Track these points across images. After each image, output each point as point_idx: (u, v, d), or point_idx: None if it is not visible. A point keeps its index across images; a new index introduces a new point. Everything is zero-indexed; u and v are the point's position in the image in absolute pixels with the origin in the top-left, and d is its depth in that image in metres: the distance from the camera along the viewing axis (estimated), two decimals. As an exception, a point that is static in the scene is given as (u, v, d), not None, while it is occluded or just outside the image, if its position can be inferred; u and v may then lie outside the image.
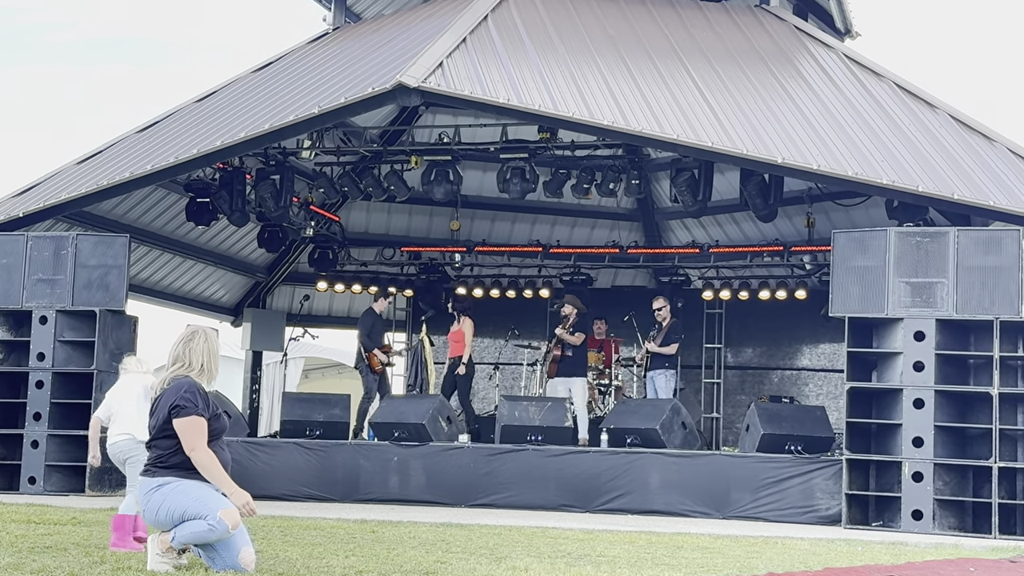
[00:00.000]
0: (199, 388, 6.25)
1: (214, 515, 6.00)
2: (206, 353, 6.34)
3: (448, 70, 13.02)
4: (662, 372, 15.80)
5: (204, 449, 6.14)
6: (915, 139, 13.37)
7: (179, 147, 13.97)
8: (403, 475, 13.26)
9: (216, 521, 5.99)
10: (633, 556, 7.93)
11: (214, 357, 6.37)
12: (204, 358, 6.34)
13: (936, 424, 11.53)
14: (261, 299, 20.66)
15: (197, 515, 6.03)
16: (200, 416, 6.15)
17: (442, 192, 15.68)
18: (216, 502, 6.07)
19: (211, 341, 6.39)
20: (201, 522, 6.02)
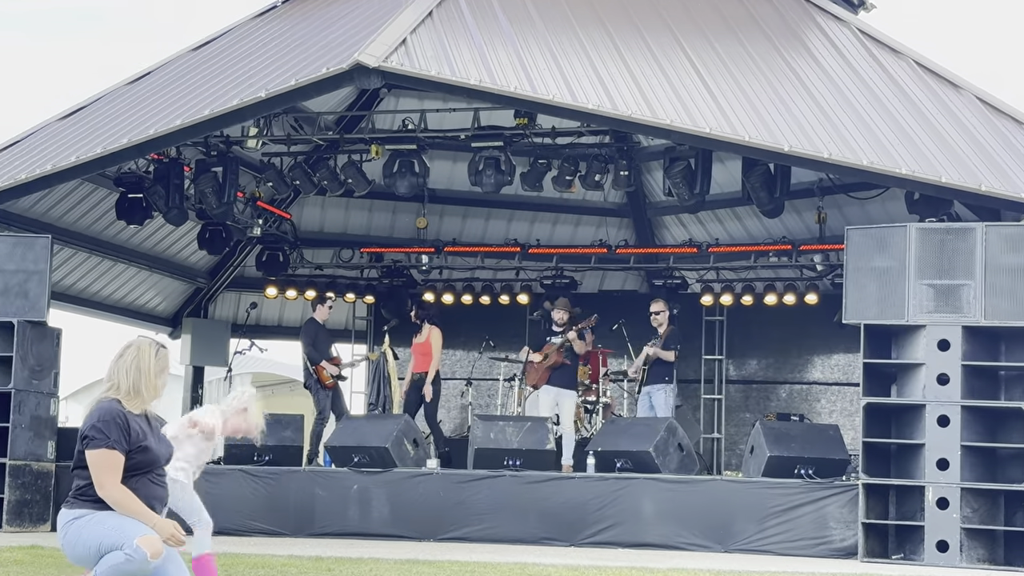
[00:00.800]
0: (119, 415, 6.15)
1: (131, 543, 5.96)
2: (134, 371, 6.22)
3: (412, 48, 13.00)
4: (661, 387, 15.76)
5: (114, 486, 6.06)
6: (938, 124, 13.42)
7: (108, 136, 13.91)
8: (363, 506, 13.22)
9: (133, 550, 5.95)
10: (623, 595, 7.92)
11: (146, 375, 6.22)
12: (132, 377, 6.22)
13: (963, 444, 11.55)
14: (202, 307, 20.58)
15: (113, 546, 5.98)
16: (111, 449, 6.05)
17: (406, 186, 15.65)
18: (134, 530, 6.02)
19: (143, 356, 6.27)
20: (118, 552, 5.97)
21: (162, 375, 6.33)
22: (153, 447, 6.24)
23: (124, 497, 6.08)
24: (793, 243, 17.57)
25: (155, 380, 6.26)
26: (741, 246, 18.49)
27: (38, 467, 13.24)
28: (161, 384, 6.33)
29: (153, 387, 6.27)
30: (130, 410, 6.21)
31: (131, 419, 6.18)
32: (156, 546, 5.99)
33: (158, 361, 6.29)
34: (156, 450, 6.25)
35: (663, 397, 15.76)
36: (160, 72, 16.09)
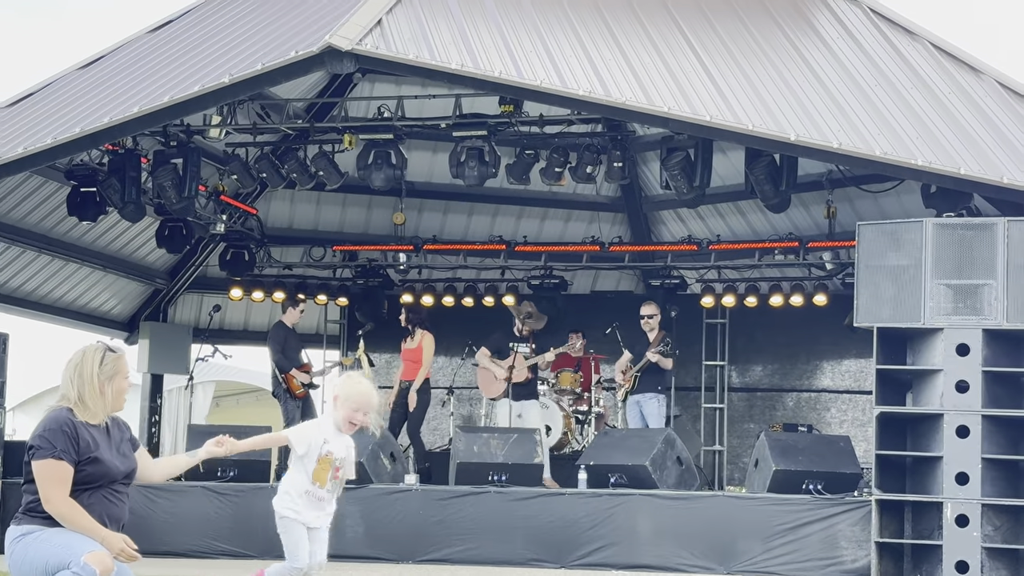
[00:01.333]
0: (66, 423, 6.16)
1: (78, 561, 5.96)
2: (77, 378, 6.24)
3: (388, 29, 13.00)
4: (654, 396, 15.85)
5: (61, 499, 6.08)
6: (957, 111, 13.45)
7: (58, 125, 13.87)
8: (336, 525, 13.14)
9: (80, 567, 5.96)
10: (618, 622, 7.93)
11: (89, 383, 6.23)
12: (76, 385, 6.24)
13: (984, 456, 11.58)
14: (161, 311, 20.55)
15: (60, 564, 5.99)
16: (57, 460, 6.06)
17: (382, 178, 15.64)
18: (81, 546, 6.03)
19: (86, 363, 6.28)
20: (66, 572, 5.98)
21: (112, 382, 6.30)
22: (106, 459, 6.22)
23: (71, 511, 6.09)
24: (800, 240, 17.60)
25: (100, 388, 6.25)
26: (744, 243, 18.52)
27: (-17, 484, 13.21)
28: (115, 392, 6.31)
29: (98, 395, 6.25)
30: (85, 420, 6.22)
31: (81, 428, 6.18)
32: (105, 562, 6.00)
33: (103, 368, 6.27)
34: (109, 462, 6.23)
35: (656, 407, 15.85)
36: (115, 56, 16.05)
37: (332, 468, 7.56)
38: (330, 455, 7.55)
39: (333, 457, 7.55)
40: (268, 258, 19.24)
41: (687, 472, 13.69)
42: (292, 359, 16.49)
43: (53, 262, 18.39)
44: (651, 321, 16.10)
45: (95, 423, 6.27)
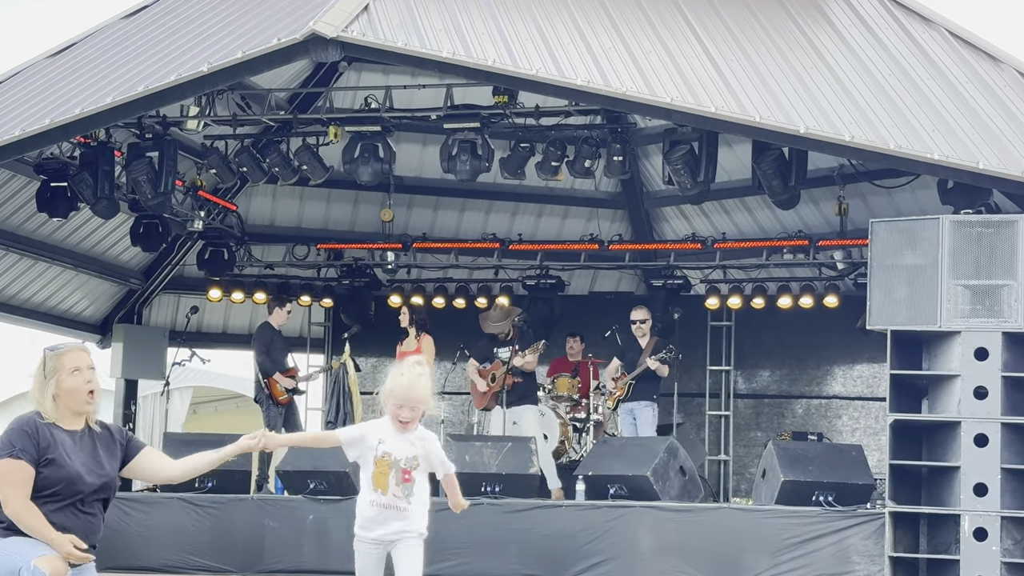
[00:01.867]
0: (28, 423, 6.22)
1: (28, 565, 5.99)
2: (34, 379, 6.32)
3: (376, 15, 13.00)
4: (648, 405, 15.91)
5: (18, 499, 6.12)
6: (975, 102, 13.46)
7: (26, 116, 13.87)
8: (321, 538, 13.20)
9: (32, 571, 5.99)
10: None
11: (36, 384, 6.31)
12: (32, 388, 6.34)
13: (1003, 467, 11.60)
14: (136, 312, 20.54)
15: (12, 570, 6.02)
16: (15, 459, 6.11)
17: (369, 172, 15.64)
18: (33, 550, 6.07)
19: (41, 364, 6.34)
20: None
21: (56, 380, 6.28)
22: (66, 464, 6.21)
23: (26, 512, 6.12)
24: (810, 238, 17.60)
25: (41, 388, 6.28)
26: (751, 241, 18.53)
27: (-52, 495, 13.19)
28: (63, 390, 6.28)
29: (44, 396, 6.27)
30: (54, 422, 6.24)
31: (44, 429, 6.21)
32: (56, 565, 6.02)
33: (44, 368, 6.30)
34: (70, 467, 6.21)
35: (651, 416, 15.92)
36: (87, 43, 16.04)
37: (396, 470, 7.07)
38: (387, 456, 7.10)
39: (392, 458, 7.08)
40: (249, 257, 19.22)
41: (691, 483, 13.69)
42: (277, 362, 16.48)
43: (21, 261, 18.37)
44: (643, 327, 16.12)
45: (68, 428, 6.29)
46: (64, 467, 6.21)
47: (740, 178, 17.17)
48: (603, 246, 18.75)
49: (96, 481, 6.32)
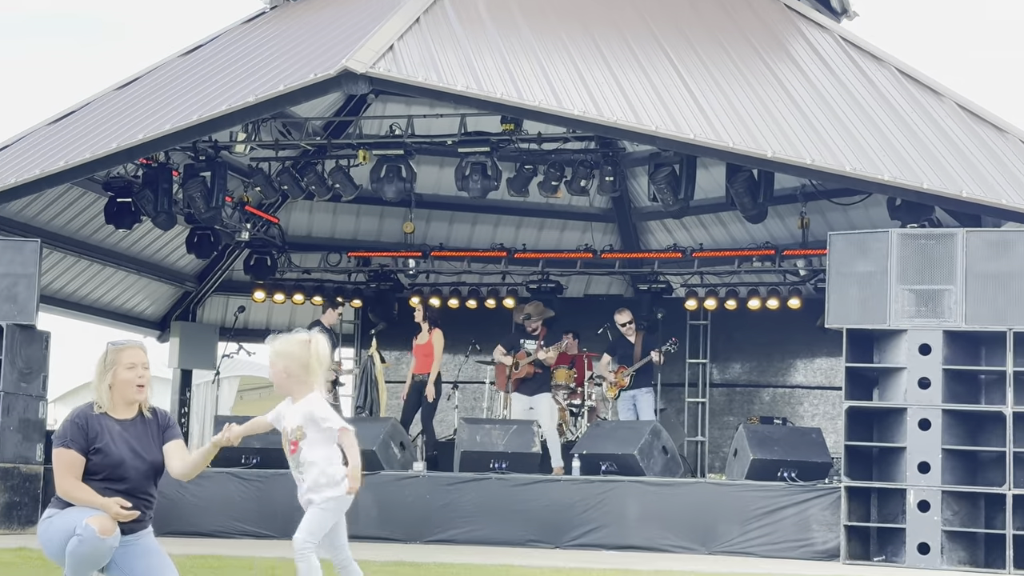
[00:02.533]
0: (79, 415, 6.25)
1: (81, 524, 6.01)
2: (95, 369, 6.34)
3: (400, 54, 13.00)
4: (648, 391, 16.00)
5: (68, 483, 6.16)
6: (919, 131, 13.45)
7: (96, 141, 13.87)
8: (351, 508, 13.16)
9: (83, 530, 6.00)
10: (608, 597, 7.92)
11: (99, 373, 6.32)
12: (94, 375, 6.35)
13: (944, 447, 11.58)
14: (190, 311, 20.54)
15: (69, 532, 6.05)
16: (65, 448, 6.15)
17: (394, 190, 15.64)
18: (84, 514, 6.09)
19: (103, 356, 6.35)
20: (72, 538, 6.03)
21: (113, 373, 6.29)
22: (112, 451, 6.22)
23: (73, 488, 6.15)
24: (776, 248, 17.59)
25: (99, 380, 6.31)
26: (725, 251, 18.52)
27: (26, 470, 13.19)
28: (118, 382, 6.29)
29: (100, 387, 6.29)
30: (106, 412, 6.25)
31: (93, 420, 6.23)
32: (104, 523, 6.03)
33: (104, 361, 6.33)
34: (115, 455, 6.22)
35: (650, 401, 15.98)
36: (149, 77, 16.06)
37: (286, 443, 6.65)
38: (284, 430, 6.71)
39: (285, 431, 6.70)
40: (288, 263, 19.23)
41: (672, 461, 13.68)
42: None
43: (92, 266, 18.41)
44: (629, 327, 16.20)
45: (120, 417, 6.30)
46: (110, 455, 6.21)
47: (715, 196, 17.16)
48: (596, 255, 18.73)
49: (141, 465, 6.31)
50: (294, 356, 6.59)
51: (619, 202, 19.57)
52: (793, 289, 18.15)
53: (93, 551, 6.02)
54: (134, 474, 6.28)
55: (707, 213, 18.63)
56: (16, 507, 12.98)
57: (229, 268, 20.29)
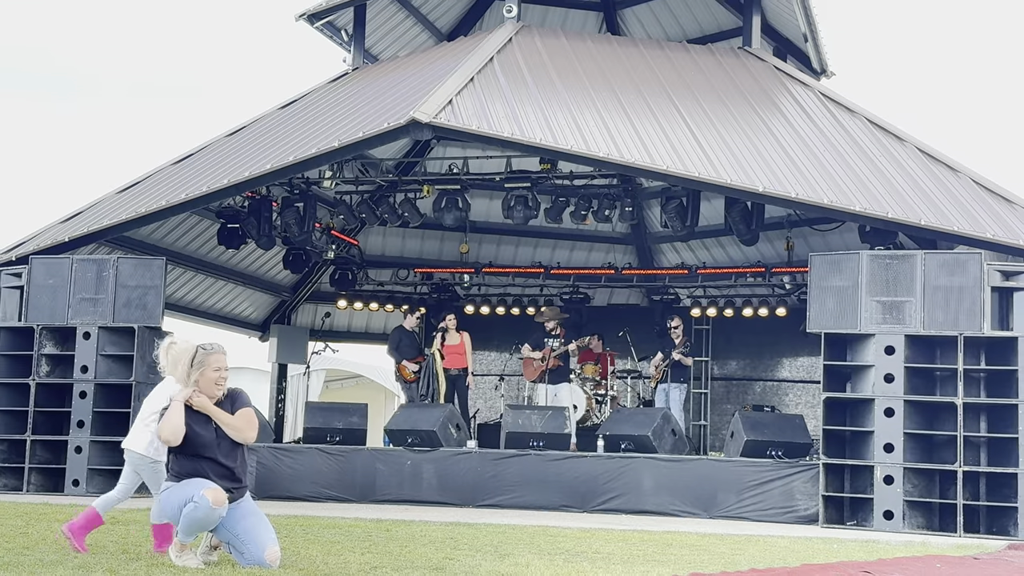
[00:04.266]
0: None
1: (198, 494, 6.04)
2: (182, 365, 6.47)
3: (457, 107, 13.05)
4: (677, 386, 16.14)
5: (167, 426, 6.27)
6: (885, 169, 13.37)
7: (211, 177, 14.00)
8: (415, 478, 13.23)
9: (199, 498, 6.04)
10: (626, 553, 7.90)
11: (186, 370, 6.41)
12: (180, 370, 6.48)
13: (905, 431, 11.49)
14: (286, 316, 20.67)
15: (187, 499, 6.09)
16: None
17: (452, 218, 15.68)
18: (200, 485, 6.12)
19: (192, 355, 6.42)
20: (188, 505, 6.07)
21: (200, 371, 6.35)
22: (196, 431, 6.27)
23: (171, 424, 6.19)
24: (766, 266, 17.51)
25: (187, 375, 6.37)
26: (724, 268, 18.46)
27: (153, 445, 13.28)
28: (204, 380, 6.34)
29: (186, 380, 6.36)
30: None
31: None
32: (218, 495, 6.09)
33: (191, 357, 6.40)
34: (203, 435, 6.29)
35: (678, 394, 16.18)
36: (253, 126, 16.19)
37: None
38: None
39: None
40: (366, 277, 19.31)
41: (680, 441, 13.63)
42: (404, 353, 16.70)
43: (206, 279, 18.56)
44: (676, 330, 16.33)
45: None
46: (199, 434, 6.28)
47: (716, 223, 17.10)
48: (617, 271, 18.70)
49: (215, 439, 6.34)
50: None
51: (636, 228, 19.54)
52: (780, 300, 18.08)
53: (205, 517, 6.06)
54: (216, 448, 6.33)
55: (709, 237, 18.57)
56: (144, 475, 13.07)
57: (317, 281, 20.39)
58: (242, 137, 15.75)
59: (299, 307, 20.85)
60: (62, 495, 12.63)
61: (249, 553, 6.15)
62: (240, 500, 6.34)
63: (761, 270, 17.48)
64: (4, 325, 13.42)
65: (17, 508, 10.07)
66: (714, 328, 18.98)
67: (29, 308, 13.39)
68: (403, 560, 6.82)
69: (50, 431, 13.20)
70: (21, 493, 12.77)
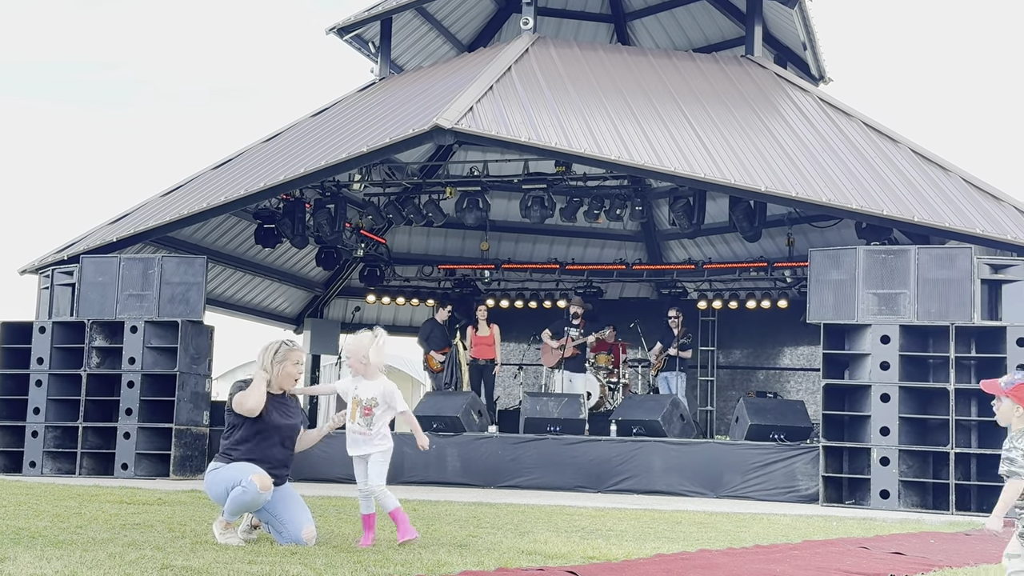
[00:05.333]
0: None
1: (246, 479, 6.07)
2: (266, 356, 6.48)
3: (477, 114, 13.05)
4: (676, 374, 16.15)
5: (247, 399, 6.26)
6: (880, 169, 13.31)
7: (248, 181, 14.05)
8: (440, 461, 13.26)
9: (247, 483, 6.07)
10: (638, 530, 7.90)
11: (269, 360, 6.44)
12: (264, 359, 6.49)
13: (900, 416, 11.45)
14: (319, 310, 20.72)
15: (234, 483, 6.11)
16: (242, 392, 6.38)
17: (473, 218, 15.70)
18: (249, 470, 6.14)
19: (276, 349, 6.45)
20: (236, 488, 6.09)
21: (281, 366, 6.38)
22: (268, 418, 6.31)
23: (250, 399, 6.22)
24: (768, 261, 17.46)
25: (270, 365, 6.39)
26: (728, 263, 18.41)
27: (196, 430, 13.38)
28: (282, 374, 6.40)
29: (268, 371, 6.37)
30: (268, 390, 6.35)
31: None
32: (266, 481, 6.10)
33: (275, 350, 6.43)
34: (269, 419, 6.31)
35: (679, 381, 16.14)
36: (287, 133, 16.24)
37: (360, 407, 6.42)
38: (356, 398, 6.43)
39: (360, 398, 6.42)
40: (393, 273, 19.34)
41: (688, 425, 13.61)
42: (434, 344, 16.75)
43: (244, 276, 18.62)
44: (676, 320, 16.32)
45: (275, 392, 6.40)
46: (266, 420, 6.32)
47: (721, 221, 17.04)
48: (628, 267, 18.70)
49: (285, 421, 6.42)
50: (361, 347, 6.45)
51: (646, 226, 19.50)
52: (782, 293, 18.01)
53: (252, 500, 6.08)
54: (285, 431, 6.40)
55: (714, 234, 18.51)
56: (188, 459, 13.16)
57: (348, 277, 20.43)
58: (277, 143, 15.80)
59: (331, 302, 20.90)
60: (112, 478, 12.72)
61: (287, 532, 6.18)
62: (283, 486, 6.39)
63: (763, 264, 17.44)
64: (57, 320, 13.51)
65: (71, 490, 10.14)
66: (719, 319, 18.93)
67: (80, 304, 13.48)
68: (429, 537, 6.84)
69: (100, 418, 13.28)
70: (74, 476, 12.87)
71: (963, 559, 6.62)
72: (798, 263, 16.57)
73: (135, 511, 8.15)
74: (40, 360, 13.35)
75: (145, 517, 7.60)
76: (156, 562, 5.21)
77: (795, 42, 17.38)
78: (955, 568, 6.20)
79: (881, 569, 5.98)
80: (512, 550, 6.25)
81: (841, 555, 6.56)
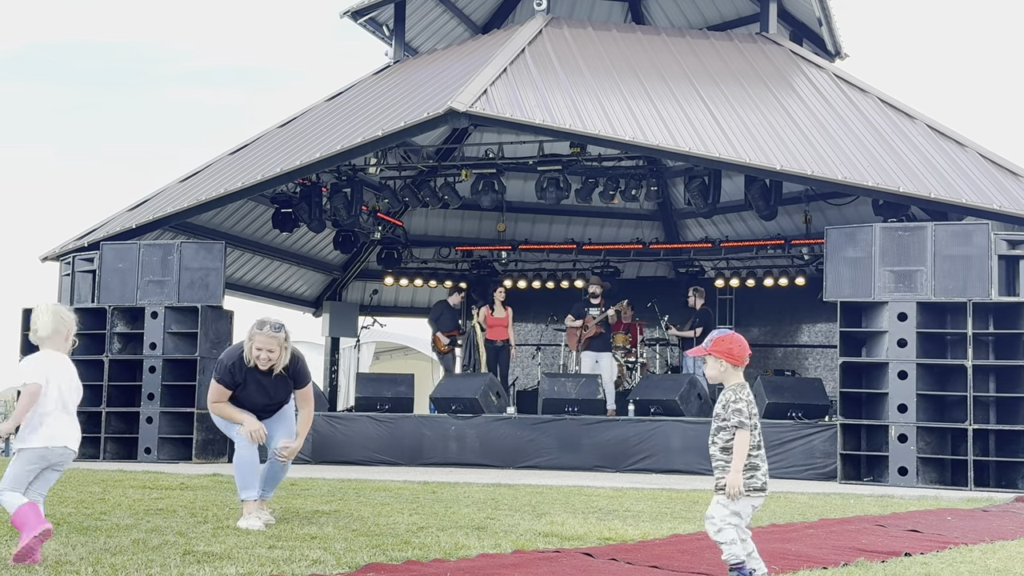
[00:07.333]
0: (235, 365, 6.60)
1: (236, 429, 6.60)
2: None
3: (492, 96, 13.05)
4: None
5: (215, 403, 6.68)
6: (896, 146, 13.24)
7: (265, 166, 14.09)
8: (459, 442, 13.32)
9: (236, 432, 6.60)
10: (655, 511, 7.93)
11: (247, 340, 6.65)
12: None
13: (918, 392, 11.43)
14: (337, 293, 20.79)
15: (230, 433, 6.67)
16: (218, 382, 6.66)
17: (489, 199, 15.72)
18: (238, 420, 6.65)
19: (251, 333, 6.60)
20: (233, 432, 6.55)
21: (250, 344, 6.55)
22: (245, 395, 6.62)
23: (219, 408, 6.65)
24: (785, 239, 17.41)
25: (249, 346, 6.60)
26: (745, 241, 18.36)
27: (217, 414, 13.46)
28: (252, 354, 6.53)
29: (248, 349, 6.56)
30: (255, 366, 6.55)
31: (238, 369, 6.57)
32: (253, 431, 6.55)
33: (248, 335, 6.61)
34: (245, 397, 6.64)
35: (693, 362, 16.04)
36: (303, 118, 16.27)
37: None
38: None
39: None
40: (410, 256, 19.39)
41: (705, 404, 13.61)
42: (443, 325, 16.78)
43: (263, 260, 18.70)
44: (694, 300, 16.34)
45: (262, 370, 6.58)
46: (244, 398, 6.64)
47: (737, 199, 17.00)
48: (645, 246, 18.67)
49: (264, 400, 6.69)
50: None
51: (662, 205, 19.47)
52: (799, 270, 17.97)
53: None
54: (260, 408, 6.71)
55: (731, 212, 18.46)
56: (210, 443, 13.27)
57: (365, 260, 20.49)
58: (293, 128, 15.83)
59: (349, 284, 20.97)
60: (135, 462, 12.84)
61: (269, 451, 6.70)
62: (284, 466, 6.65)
63: (780, 242, 17.39)
64: (79, 306, 13.61)
65: (95, 475, 10.25)
66: (737, 297, 18.91)
67: (101, 290, 13.58)
68: (448, 520, 6.90)
69: (123, 403, 13.40)
70: (98, 461, 13.00)
71: (979, 536, 6.64)
72: (815, 240, 16.51)
73: (158, 496, 8.24)
74: (62, 347, 13.44)
75: (168, 502, 7.68)
76: (179, 548, 5.28)
77: (810, 18, 17.26)
78: (971, 545, 6.21)
79: (897, 547, 6.00)
80: (529, 532, 6.30)
81: (857, 533, 6.58)
